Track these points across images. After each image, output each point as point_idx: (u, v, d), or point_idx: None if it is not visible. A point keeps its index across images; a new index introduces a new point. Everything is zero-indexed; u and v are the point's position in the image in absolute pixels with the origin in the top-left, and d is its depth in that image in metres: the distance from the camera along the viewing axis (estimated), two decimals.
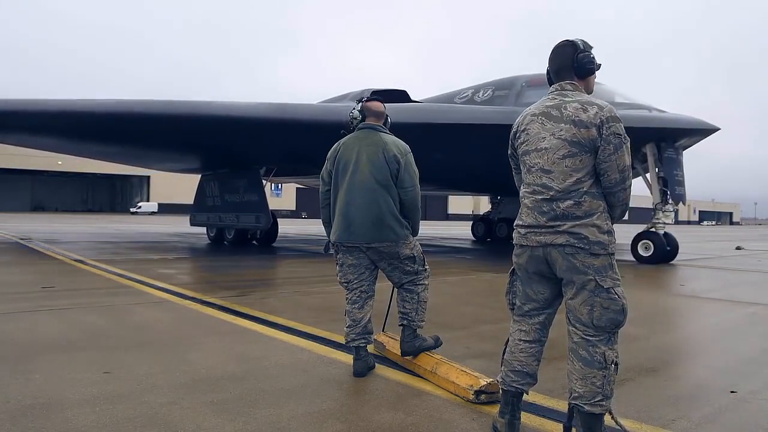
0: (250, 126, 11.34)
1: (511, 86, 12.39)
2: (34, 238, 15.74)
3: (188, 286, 6.68)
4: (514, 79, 12.62)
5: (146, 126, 11.28)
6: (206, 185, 15.33)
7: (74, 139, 13.05)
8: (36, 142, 14.48)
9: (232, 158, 13.84)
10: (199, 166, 15.67)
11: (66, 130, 11.95)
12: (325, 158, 3.43)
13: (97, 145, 14.03)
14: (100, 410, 2.53)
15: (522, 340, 2.37)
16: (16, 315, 4.70)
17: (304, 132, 11.39)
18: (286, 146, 12.34)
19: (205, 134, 11.67)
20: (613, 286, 2.15)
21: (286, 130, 11.52)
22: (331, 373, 3.21)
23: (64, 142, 13.86)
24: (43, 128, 11.78)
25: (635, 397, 2.88)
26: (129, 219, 42.47)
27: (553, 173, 2.18)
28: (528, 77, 12.40)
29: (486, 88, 13.04)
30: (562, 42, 2.38)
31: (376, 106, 3.40)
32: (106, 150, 15.70)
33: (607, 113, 2.16)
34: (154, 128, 11.48)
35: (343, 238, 3.27)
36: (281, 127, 11.40)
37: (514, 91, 12.19)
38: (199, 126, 11.25)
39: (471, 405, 2.71)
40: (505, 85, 12.64)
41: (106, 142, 13.30)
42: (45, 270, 8.19)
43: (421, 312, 3.33)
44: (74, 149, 15.58)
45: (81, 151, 16.46)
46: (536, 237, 2.22)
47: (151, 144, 13.22)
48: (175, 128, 11.44)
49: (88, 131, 11.93)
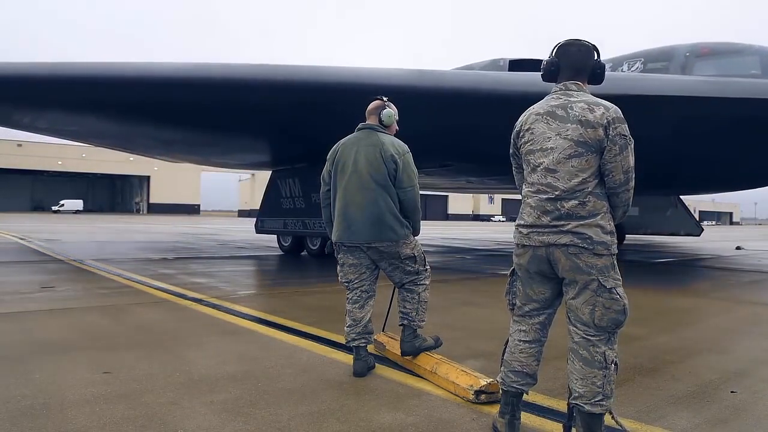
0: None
1: (670, 57, 10.28)
2: (34, 238, 15.74)
3: (188, 285, 6.68)
4: (671, 49, 10.55)
5: (250, 99, 8.16)
6: (281, 183, 11.82)
7: (132, 120, 9.38)
8: (73, 126, 10.31)
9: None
10: (272, 158, 12.25)
11: (124, 107, 8.48)
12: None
13: (163, 128, 10.22)
14: (100, 410, 2.53)
15: (522, 341, 2.37)
16: (16, 315, 4.70)
17: (456, 106, 8.44)
18: (422, 124, 8.09)
19: (324, 108, 8.43)
20: (615, 286, 2.15)
21: (430, 103, 8.25)
22: (331, 373, 3.21)
23: (111, 124, 9.97)
24: (89, 103, 8.29)
25: (635, 397, 2.88)
26: (129, 219, 42.43)
27: (559, 173, 2.18)
28: (688, 47, 10.34)
29: (630, 60, 10.81)
30: (580, 42, 2.34)
31: (369, 106, 3.42)
32: (168, 136, 11.31)
33: (613, 114, 2.16)
34: (263, 102, 8.33)
35: (343, 237, 3.27)
36: (423, 98, 8.13)
37: (677, 63, 10.06)
38: (324, 96, 8.18)
39: (471, 405, 2.71)
40: (657, 56, 10.52)
41: (179, 123, 9.64)
42: (45, 270, 8.19)
43: (422, 312, 3.33)
44: (119, 135, 11.54)
45: (128, 140, 12.34)
46: (539, 237, 2.21)
47: (246, 124, 9.56)
48: (294, 100, 8.31)
49: (163, 107, 8.50)
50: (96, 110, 8.74)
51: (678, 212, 16.74)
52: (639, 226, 17.43)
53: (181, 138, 11.36)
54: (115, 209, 79.70)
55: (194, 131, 10.40)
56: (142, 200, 72.76)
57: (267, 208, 12.34)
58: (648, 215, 16.78)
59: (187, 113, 8.80)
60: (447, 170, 12.60)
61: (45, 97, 7.94)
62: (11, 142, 62.11)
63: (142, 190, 72.78)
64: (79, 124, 10.07)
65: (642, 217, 16.81)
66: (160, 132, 10.67)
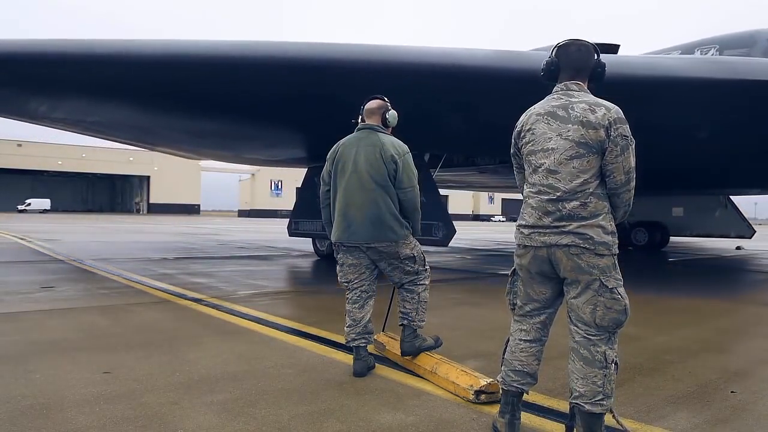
0: (470, 80, 6.98)
1: (752, 43, 9.32)
2: (34, 238, 15.74)
3: (188, 285, 6.68)
4: (752, 34, 9.59)
5: (310, 85, 7.03)
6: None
7: (168, 106, 8.12)
8: (95, 116, 8.89)
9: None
10: (310, 152, 10.79)
11: (157, 90, 7.20)
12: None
13: (199, 118, 8.85)
14: (100, 410, 2.53)
15: (522, 340, 2.37)
16: (16, 315, 4.70)
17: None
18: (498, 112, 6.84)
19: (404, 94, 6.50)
20: (617, 286, 2.15)
21: (514, 87, 6.67)
22: (331, 373, 3.21)
23: (140, 112, 8.65)
24: (115, 87, 7.09)
25: (635, 397, 2.88)
26: (129, 219, 42.43)
27: (560, 174, 2.18)
28: None
29: (703, 47, 9.77)
30: (580, 42, 2.34)
31: (370, 105, 3.40)
32: (203, 128, 9.88)
33: (614, 114, 2.16)
34: (327, 91, 7.14)
35: (343, 238, 3.27)
36: (508, 81, 6.94)
37: (760, 49, 9.03)
38: (407, 80, 6.85)
39: (471, 405, 2.71)
40: (736, 42, 9.56)
41: (222, 111, 8.16)
42: (45, 270, 8.19)
43: (422, 312, 3.34)
44: (145, 127, 9.95)
45: (153, 132, 10.61)
46: (540, 237, 2.21)
47: (299, 112, 8.06)
48: (365, 86, 6.31)
49: (203, 92, 7.28)
50: (130, 95, 7.52)
51: (728, 213, 15.52)
52: (685, 227, 16.08)
53: (217, 130, 9.95)
54: (115, 209, 79.70)
55: (236, 121, 8.99)
56: (142, 200, 72.76)
57: (302, 209, 10.65)
58: (694, 216, 15.70)
59: (233, 100, 7.54)
60: (505, 167, 10.83)
61: (74, 78, 6.84)
62: (11, 142, 62.15)
63: (142, 190, 72.76)
64: (101, 113, 8.73)
65: (688, 219, 15.76)
66: (196, 122, 9.25)
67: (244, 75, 6.81)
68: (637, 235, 15.69)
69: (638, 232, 15.69)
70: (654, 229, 15.63)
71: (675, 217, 15.79)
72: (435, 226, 8.30)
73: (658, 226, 15.66)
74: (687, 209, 15.62)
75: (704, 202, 15.40)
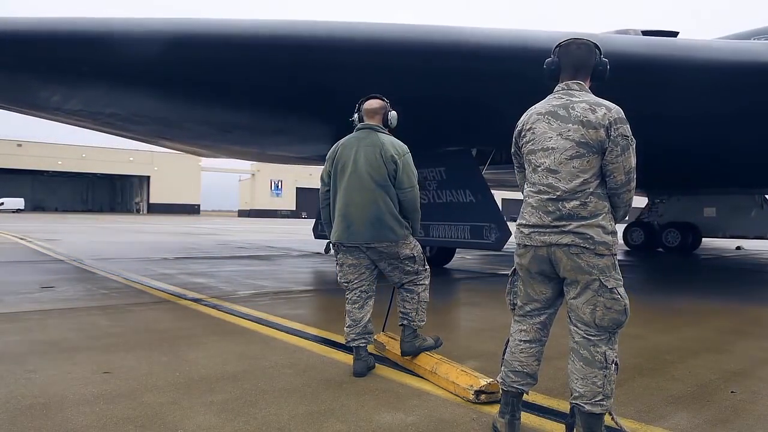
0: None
1: None
2: (34, 238, 15.74)
3: (188, 285, 6.68)
4: None
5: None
6: None
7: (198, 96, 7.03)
8: (112, 107, 7.73)
9: (438, 130, 7.66)
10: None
11: (201, 75, 6.18)
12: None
13: (234, 108, 7.70)
14: (100, 410, 2.53)
15: (522, 340, 2.37)
16: (16, 315, 4.70)
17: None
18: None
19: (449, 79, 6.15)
20: (617, 286, 2.15)
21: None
22: (331, 373, 3.21)
23: (162, 102, 7.61)
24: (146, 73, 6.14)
25: (635, 397, 2.88)
26: (129, 219, 42.43)
27: (560, 173, 2.18)
28: None
29: (761, 36, 8.53)
30: (581, 40, 2.34)
31: (370, 105, 3.40)
32: (233, 120, 8.62)
33: (615, 114, 2.16)
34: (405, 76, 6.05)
35: (342, 238, 3.27)
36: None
37: None
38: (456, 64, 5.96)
39: (471, 405, 2.71)
40: None
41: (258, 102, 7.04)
42: (45, 270, 8.19)
43: (422, 312, 3.34)
44: (167, 119, 8.74)
45: (175, 126, 9.28)
46: (540, 237, 2.21)
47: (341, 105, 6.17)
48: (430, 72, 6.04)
49: (259, 81, 6.32)
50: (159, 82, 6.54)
51: (764, 213, 14.56)
52: (717, 228, 15.16)
53: (247, 123, 8.83)
54: (115, 209, 79.67)
55: (272, 112, 7.80)
56: (142, 200, 72.73)
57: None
58: (728, 216, 14.86)
59: (280, 88, 6.55)
60: None
61: (100, 61, 5.83)
62: (11, 141, 62.13)
63: (142, 190, 72.73)
64: (123, 104, 7.68)
65: (721, 219, 14.93)
66: (230, 113, 8.10)
67: (314, 57, 5.82)
68: (669, 236, 15.19)
69: (669, 233, 15.18)
70: (686, 231, 14.99)
71: (707, 217, 14.98)
72: (487, 228, 7.52)
73: (689, 227, 14.99)
74: (720, 209, 14.83)
75: (738, 201, 14.58)
